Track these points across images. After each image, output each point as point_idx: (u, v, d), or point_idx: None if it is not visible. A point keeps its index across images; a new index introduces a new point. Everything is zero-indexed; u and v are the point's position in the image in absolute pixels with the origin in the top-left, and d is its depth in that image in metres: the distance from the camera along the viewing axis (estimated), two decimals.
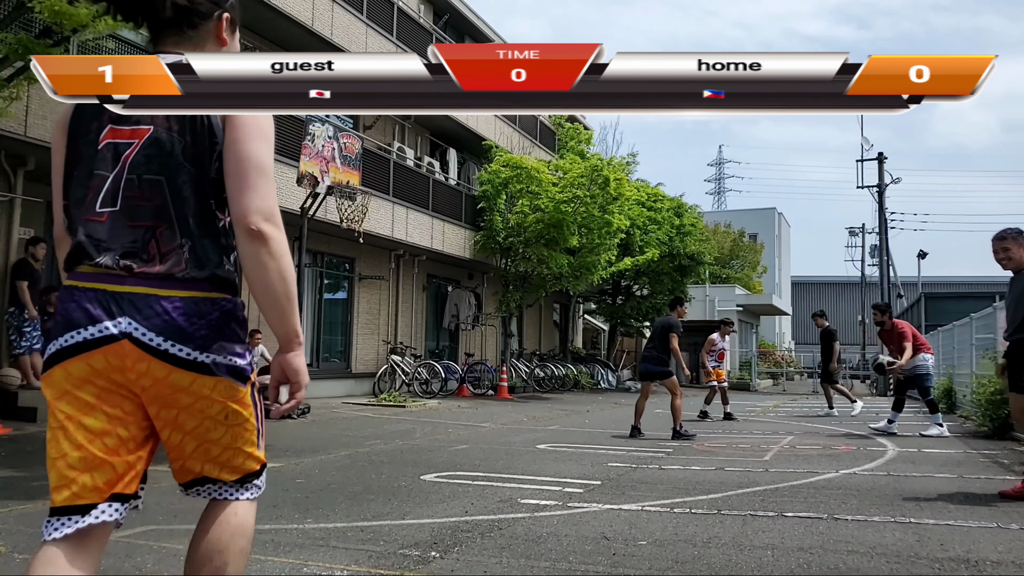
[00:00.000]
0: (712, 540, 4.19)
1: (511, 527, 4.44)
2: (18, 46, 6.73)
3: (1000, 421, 9.83)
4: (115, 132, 1.81)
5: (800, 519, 4.74)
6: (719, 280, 36.79)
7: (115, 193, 1.77)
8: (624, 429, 9.98)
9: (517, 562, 3.71)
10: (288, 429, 9.46)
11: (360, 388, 15.67)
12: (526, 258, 18.44)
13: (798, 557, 3.87)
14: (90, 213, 1.77)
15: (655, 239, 23.05)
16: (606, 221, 18.27)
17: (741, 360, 31.68)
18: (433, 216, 16.94)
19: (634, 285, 25.84)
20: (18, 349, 9.11)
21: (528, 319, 23.44)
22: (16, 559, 3.56)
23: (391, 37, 16.09)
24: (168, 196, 1.77)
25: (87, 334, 1.70)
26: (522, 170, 17.89)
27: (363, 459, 7.09)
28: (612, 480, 6.21)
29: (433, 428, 10.10)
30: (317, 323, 14.90)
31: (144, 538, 3.98)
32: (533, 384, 19.59)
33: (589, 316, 30.03)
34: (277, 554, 3.74)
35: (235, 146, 1.82)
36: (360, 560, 3.67)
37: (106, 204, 1.77)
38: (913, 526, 4.57)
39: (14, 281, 9.13)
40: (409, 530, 4.30)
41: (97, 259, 1.73)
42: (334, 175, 11.38)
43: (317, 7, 13.76)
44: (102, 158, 1.79)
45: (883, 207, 30.08)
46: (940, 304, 24.86)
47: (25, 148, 9.01)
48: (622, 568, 3.65)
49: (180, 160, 1.78)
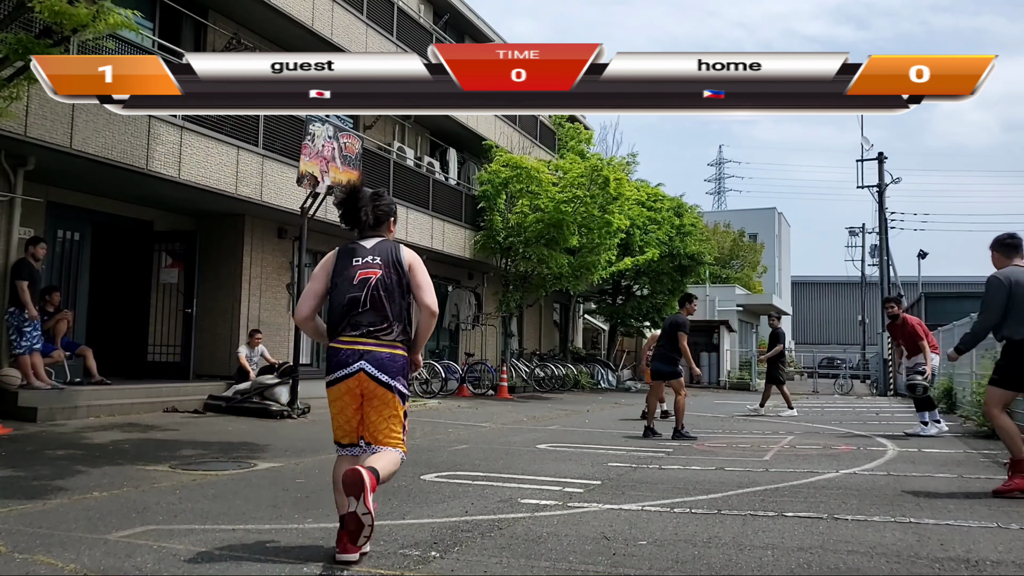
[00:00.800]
0: (712, 540, 4.20)
1: (511, 527, 4.44)
2: (18, 46, 6.72)
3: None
4: (364, 273, 3.73)
5: (800, 519, 4.74)
6: (719, 280, 36.78)
7: (366, 298, 3.69)
8: (624, 429, 9.99)
9: (517, 562, 3.71)
10: (288, 429, 9.46)
11: None
12: (526, 258, 18.43)
13: (798, 557, 3.87)
14: (353, 310, 3.69)
15: (655, 239, 23.04)
16: (606, 221, 18.25)
17: (741, 360, 31.69)
18: (433, 216, 16.93)
19: (634, 285, 25.82)
20: (18, 349, 9.10)
21: (528, 319, 23.43)
22: (16, 559, 3.56)
23: (391, 37, 16.08)
24: (387, 301, 3.71)
25: (346, 372, 3.65)
26: (522, 170, 17.87)
27: None
28: (612, 480, 6.21)
29: (433, 428, 10.10)
30: None
31: (144, 538, 3.98)
32: (533, 384, 19.59)
33: (589, 316, 30.02)
34: (277, 554, 3.75)
35: (417, 276, 3.80)
36: (360, 560, 3.67)
37: (364, 304, 3.69)
38: (913, 526, 4.57)
39: (14, 281, 9.12)
40: (409, 530, 4.30)
41: (354, 333, 3.67)
42: (334, 175, 11.37)
43: (317, 7, 13.75)
44: (357, 284, 3.72)
45: (883, 207, 30.08)
46: (940, 304, 24.85)
47: (25, 148, 9.00)
48: (622, 568, 3.65)
49: (395, 285, 3.75)
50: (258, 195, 11.90)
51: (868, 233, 42.48)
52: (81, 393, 9.62)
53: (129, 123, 9.74)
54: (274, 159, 12.18)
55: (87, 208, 11.38)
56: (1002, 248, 6.03)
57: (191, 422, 9.57)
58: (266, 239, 13.42)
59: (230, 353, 12.50)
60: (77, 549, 3.74)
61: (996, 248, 6.07)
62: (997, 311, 5.75)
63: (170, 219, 12.83)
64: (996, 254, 6.06)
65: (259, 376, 11.37)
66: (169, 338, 12.41)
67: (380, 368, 3.63)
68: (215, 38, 12.86)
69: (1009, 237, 6.09)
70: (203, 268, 12.55)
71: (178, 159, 10.50)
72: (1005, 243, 6.03)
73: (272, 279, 13.54)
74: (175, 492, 5.22)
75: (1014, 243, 6.01)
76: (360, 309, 3.66)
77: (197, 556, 3.67)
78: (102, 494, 5.10)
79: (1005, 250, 6.00)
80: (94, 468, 6.07)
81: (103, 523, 4.29)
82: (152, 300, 12.54)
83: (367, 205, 3.87)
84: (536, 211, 17.60)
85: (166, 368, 12.24)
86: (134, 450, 7.17)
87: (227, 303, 12.87)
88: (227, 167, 11.34)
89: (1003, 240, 6.08)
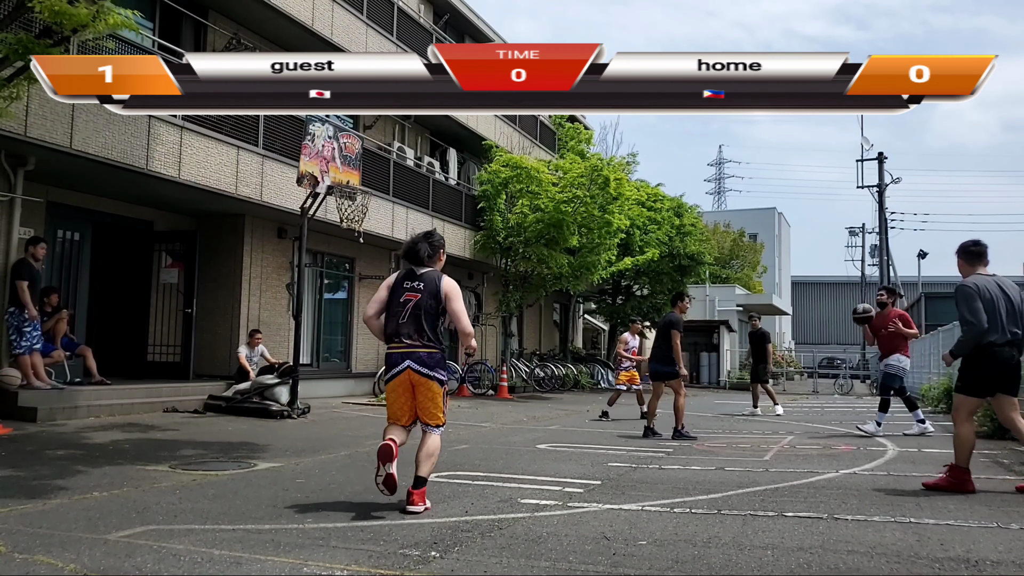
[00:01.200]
0: (712, 540, 4.20)
1: (511, 527, 4.44)
2: (18, 46, 6.72)
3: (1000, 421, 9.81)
4: (408, 296, 4.93)
5: (800, 519, 4.75)
6: (719, 280, 36.77)
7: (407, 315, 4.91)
8: (624, 429, 9.99)
9: (517, 562, 3.71)
10: (288, 429, 9.46)
11: (360, 388, 15.66)
12: (526, 258, 18.42)
13: (798, 557, 3.87)
14: (399, 320, 4.91)
15: (655, 239, 23.03)
16: (606, 221, 18.24)
17: (741, 360, 31.69)
18: (433, 216, 16.93)
19: (634, 285, 25.82)
20: (18, 349, 9.10)
21: (528, 319, 23.43)
22: (16, 559, 3.56)
23: (391, 37, 16.08)
24: (424, 318, 4.91)
25: (397, 369, 4.90)
26: (522, 170, 17.86)
27: (363, 459, 7.08)
28: (612, 480, 6.21)
29: None
30: (317, 323, 14.89)
31: (144, 538, 3.98)
32: (533, 384, 19.58)
33: (589, 316, 30.02)
34: (277, 554, 3.75)
35: (450, 305, 4.96)
36: (360, 560, 3.67)
37: (404, 318, 4.91)
38: (913, 526, 4.58)
39: (14, 281, 9.12)
40: (409, 530, 4.30)
41: (401, 339, 4.91)
42: (334, 175, 11.37)
43: (317, 7, 13.75)
44: (402, 303, 4.93)
45: (883, 207, 30.09)
46: (940, 304, 24.87)
47: (25, 148, 9.00)
48: (622, 568, 3.65)
49: (430, 307, 4.93)
50: (258, 195, 11.90)
51: (868, 233, 42.54)
52: (81, 393, 9.62)
53: (129, 123, 9.74)
54: (274, 159, 12.18)
55: (87, 208, 11.38)
56: (967, 255, 6.03)
57: (191, 422, 9.57)
58: (266, 239, 13.42)
59: (230, 353, 12.50)
60: (77, 549, 3.74)
61: (961, 255, 6.07)
62: (983, 317, 5.76)
63: (170, 219, 12.83)
64: (961, 261, 6.06)
65: (259, 376, 11.37)
66: (169, 338, 12.41)
67: (421, 364, 4.90)
68: (215, 38, 12.86)
69: (974, 244, 6.09)
70: (203, 268, 12.54)
71: (178, 159, 10.50)
72: (970, 250, 6.03)
73: (272, 279, 13.54)
74: (175, 492, 5.22)
75: (978, 250, 6.01)
76: (400, 321, 4.93)
77: (197, 556, 3.67)
78: (102, 494, 5.10)
79: (969, 257, 6.01)
80: (94, 468, 6.07)
81: (103, 523, 4.29)
82: (152, 300, 12.54)
83: (422, 244, 5.09)
84: (536, 211, 17.59)
85: (166, 368, 12.23)
86: (134, 450, 7.17)
87: (227, 303, 12.87)
88: (227, 167, 11.34)
89: (968, 247, 6.07)
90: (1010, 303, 5.74)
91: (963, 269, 6.05)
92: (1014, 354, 5.74)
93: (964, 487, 5.66)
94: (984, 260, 6.02)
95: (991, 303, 5.71)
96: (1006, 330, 5.68)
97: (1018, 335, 5.71)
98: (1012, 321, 5.71)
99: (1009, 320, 5.70)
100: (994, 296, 5.73)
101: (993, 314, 5.68)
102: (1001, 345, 5.67)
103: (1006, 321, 5.69)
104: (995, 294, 5.75)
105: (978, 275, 5.92)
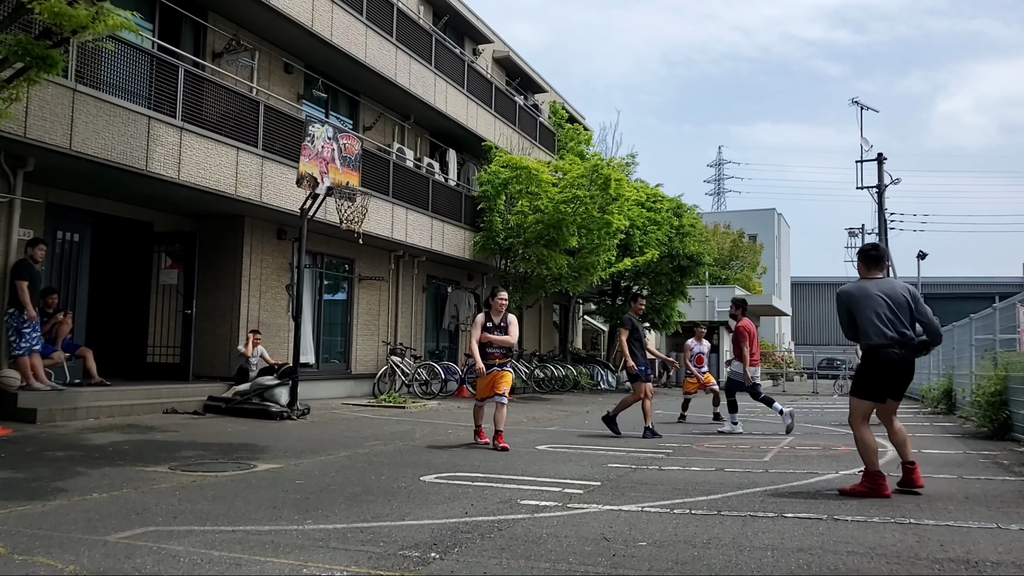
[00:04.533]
0: (712, 541, 4.20)
1: (511, 528, 4.44)
2: (18, 47, 6.73)
3: (1000, 422, 9.83)
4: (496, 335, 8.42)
5: (800, 520, 4.75)
6: (719, 281, 36.78)
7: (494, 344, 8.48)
8: (623, 429, 9.99)
9: (517, 563, 3.71)
10: (288, 430, 9.45)
11: (360, 389, 15.66)
12: (526, 259, 18.43)
13: (798, 558, 3.87)
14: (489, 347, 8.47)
15: (655, 240, 23.03)
16: (606, 221, 18.25)
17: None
18: (433, 217, 16.93)
19: (634, 286, 25.81)
20: (17, 350, 9.10)
21: (528, 320, 23.43)
22: (16, 560, 3.56)
23: (391, 38, 16.09)
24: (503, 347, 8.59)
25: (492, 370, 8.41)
26: (522, 171, 17.87)
27: (363, 460, 7.09)
28: (612, 481, 6.21)
29: (433, 429, 10.10)
30: (317, 324, 14.88)
31: (144, 539, 3.99)
32: (533, 385, 19.59)
33: (589, 317, 30.02)
34: (277, 555, 3.75)
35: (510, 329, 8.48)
36: (360, 561, 3.67)
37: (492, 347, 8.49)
38: (913, 526, 4.58)
39: (14, 282, 9.12)
40: (409, 531, 4.30)
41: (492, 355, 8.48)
42: (334, 176, 11.36)
43: (317, 8, 13.75)
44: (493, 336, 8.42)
45: (883, 208, 30.11)
46: (940, 304, 24.83)
47: (25, 149, 9.00)
48: (622, 569, 3.65)
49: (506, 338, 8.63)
50: (258, 196, 11.90)
51: (867, 234, 42.41)
52: (81, 394, 9.62)
53: (129, 124, 9.75)
54: (274, 160, 12.18)
55: (87, 209, 11.38)
56: (865, 259, 6.01)
57: (191, 423, 9.57)
58: (266, 240, 13.42)
59: (230, 354, 12.51)
60: (77, 550, 3.74)
61: (861, 259, 6.06)
62: (847, 326, 5.87)
63: (170, 220, 12.83)
64: (860, 264, 6.05)
65: (259, 377, 11.37)
66: (169, 339, 12.41)
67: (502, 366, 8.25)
68: (215, 39, 12.86)
69: (872, 248, 6.10)
70: (203, 269, 12.54)
71: (178, 160, 10.50)
72: (869, 254, 6.02)
73: (272, 280, 13.54)
74: (175, 493, 5.22)
75: (875, 255, 5.99)
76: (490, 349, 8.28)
77: (197, 557, 3.67)
78: (102, 495, 5.10)
79: (867, 261, 5.99)
80: (94, 469, 6.07)
81: (103, 524, 4.29)
82: (152, 301, 12.54)
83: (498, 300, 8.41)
84: (536, 212, 17.60)
85: (166, 369, 12.23)
86: (134, 451, 7.16)
87: (227, 304, 12.87)
88: (227, 168, 11.34)
89: (866, 251, 6.07)
90: (893, 305, 5.65)
91: (860, 272, 6.03)
92: (902, 354, 5.63)
93: (880, 492, 5.51)
94: (881, 265, 5.99)
95: (866, 307, 5.67)
96: (884, 333, 5.59)
97: (907, 335, 5.62)
98: (897, 322, 5.61)
99: (892, 322, 5.60)
100: (873, 299, 5.68)
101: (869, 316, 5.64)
102: (883, 347, 5.60)
103: (886, 323, 5.60)
104: (873, 297, 5.68)
105: (862, 281, 5.87)
